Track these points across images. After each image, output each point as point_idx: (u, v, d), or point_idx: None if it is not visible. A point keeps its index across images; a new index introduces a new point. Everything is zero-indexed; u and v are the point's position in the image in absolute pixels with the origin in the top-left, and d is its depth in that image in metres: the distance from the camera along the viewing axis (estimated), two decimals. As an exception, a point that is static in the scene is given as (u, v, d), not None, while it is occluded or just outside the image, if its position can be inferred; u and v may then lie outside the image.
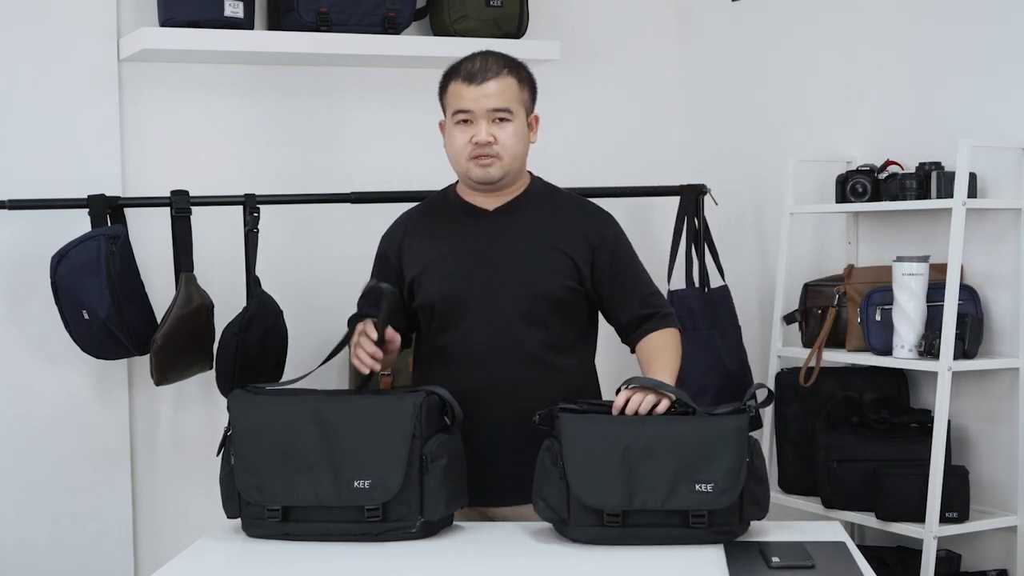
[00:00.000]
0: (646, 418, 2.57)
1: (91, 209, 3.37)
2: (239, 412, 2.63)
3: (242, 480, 2.60)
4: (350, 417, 2.58)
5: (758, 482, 2.53)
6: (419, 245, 2.87)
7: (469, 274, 2.81)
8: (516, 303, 2.79)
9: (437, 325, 2.83)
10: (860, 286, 3.45)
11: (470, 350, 2.80)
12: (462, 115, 2.78)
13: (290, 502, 2.57)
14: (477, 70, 2.78)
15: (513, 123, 2.79)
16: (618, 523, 2.50)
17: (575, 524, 2.52)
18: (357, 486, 2.54)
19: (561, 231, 2.84)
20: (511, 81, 2.80)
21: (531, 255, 2.82)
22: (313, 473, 2.56)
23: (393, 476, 2.54)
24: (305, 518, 2.58)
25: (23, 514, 3.54)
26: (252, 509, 2.61)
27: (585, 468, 2.51)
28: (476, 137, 2.77)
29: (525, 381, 2.78)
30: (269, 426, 2.60)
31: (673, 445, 2.51)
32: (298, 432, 2.58)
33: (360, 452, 2.55)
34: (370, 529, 2.57)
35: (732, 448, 2.51)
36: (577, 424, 2.55)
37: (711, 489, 2.48)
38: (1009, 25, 3.27)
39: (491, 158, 2.78)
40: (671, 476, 2.49)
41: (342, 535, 2.58)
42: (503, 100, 2.78)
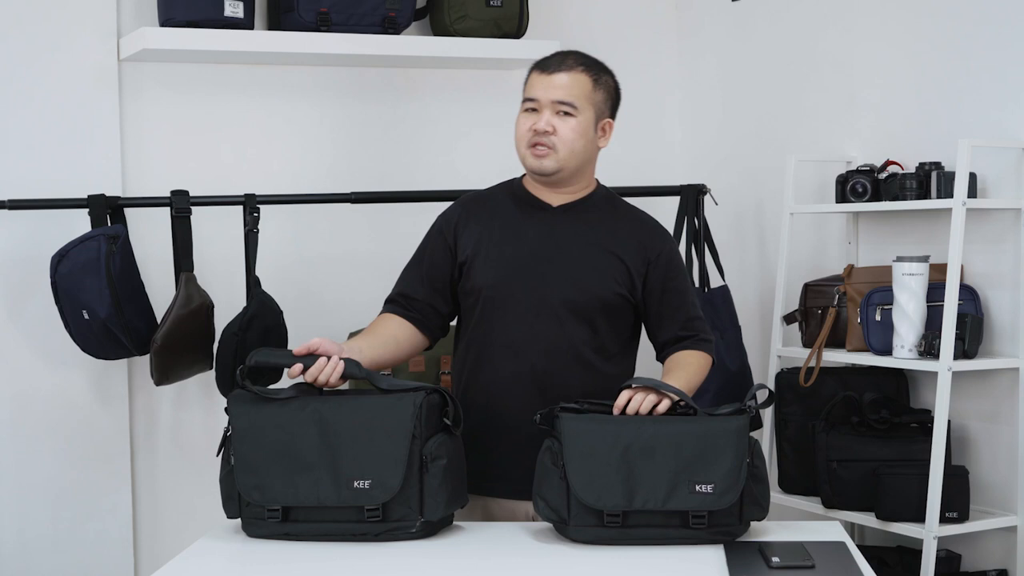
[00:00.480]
0: (646, 418, 2.57)
1: (91, 209, 3.37)
2: (239, 412, 2.62)
3: (242, 480, 2.59)
4: (350, 417, 2.57)
5: (758, 482, 2.53)
6: (477, 229, 2.86)
7: (524, 264, 2.81)
8: (567, 299, 2.79)
9: (485, 312, 2.82)
10: (860, 286, 3.45)
11: (517, 340, 2.79)
12: (529, 103, 2.80)
13: (290, 502, 2.57)
14: (552, 61, 2.81)
15: (576, 118, 2.79)
16: (618, 523, 2.50)
17: (575, 524, 2.52)
18: (357, 486, 2.54)
19: (620, 238, 2.85)
20: (584, 78, 2.81)
21: (588, 255, 2.82)
22: (313, 473, 2.56)
23: (393, 476, 2.53)
24: (305, 518, 2.58)
25: (23, 514, 3.54)
26: (252, 509, 2.60)
27: (585, 468, 2.51)
28: (536, 124, 2.78)
29: (568, 378, 2.78)
30: (269, 426, 2.59)
31: (673, 445, 2.51)
32: (298, 432, 2.58)
33: (360, 452, 2.55)
34: (370, 529, 2.56)
35: (732, 449, 2.51)
36: (577, 424, 2.55)
37: (711, 490, 2.48)
38: (1009, 25, 3.27)
39: (546, 148, 2.78)
40: (671, 476, 2.49)
41: (342, 535, 2.58)
42: (569, 94, 2.78)
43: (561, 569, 2.44)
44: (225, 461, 2.63)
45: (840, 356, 3.47)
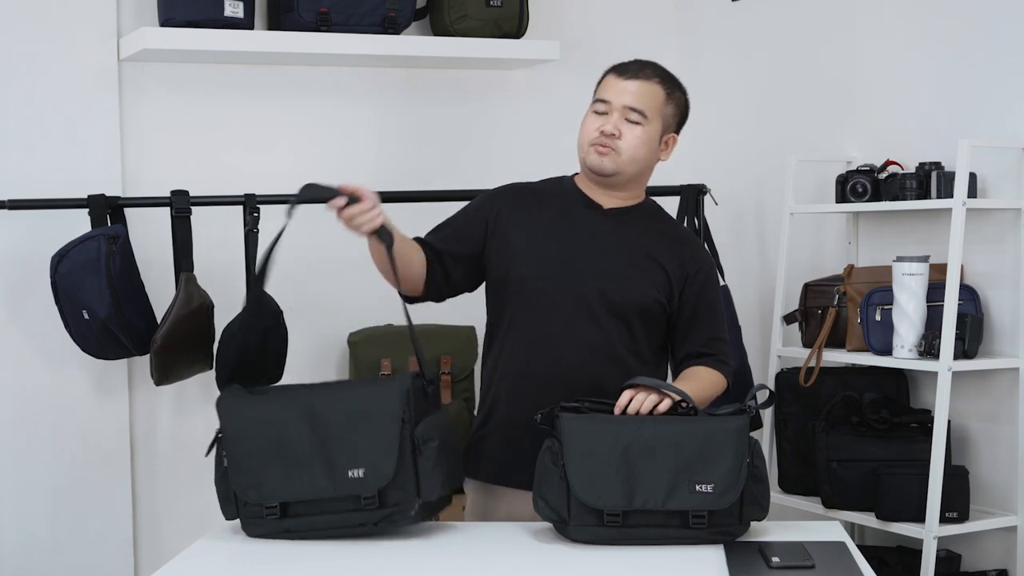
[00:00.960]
0: (646, 418, 2.57)
1: (91, 209, 3.37)
2: (229, 413, 2.61)
3: (237, 480, 2.58)
4: (339, 408, 2.58)
5: (758, 482, 2.53)
6: (524, 220, 2.85)
7: (569, 261, 2.81)
8: (608, 300, 2.79)
9: (521, 303, 2.81)
10: (860, 286, 3.45)
11: (554, 335, 2.79)
12: (601, 104, 2.81)
13: (287, 498, 2.57)
14: (630, 67, 2.83)
15: (643, 127, 2.80)
16: (618, 523, 2.50)
17: (575, 524, 2.52)
18: (352, 476, 2.54)
19: (664, 249, 2.86)
20: (657, 89, 2.82)
21: (632, 260, 2.83)
22: (308, 467, 2.56)
23: (386, 463, 2.54)
24: (304, 512, 2.58)
25: (23, 514, 3.54)
26: (250, 508, 2.60)
27: (585, 468, 2.51)
28: (603, 126, 2.79)
29: (602, 377, 2.77)
30: (261, 424, 2.58)
31: (673, 445, 2.51)
32: (290, 428, 2.58)
33: (352, 442, 2.55)
34: (368, 519, 2.56)
35: (732, 449, 2.51)
36: (577, 424, 2.55)
37: (711, 490, 2.48)
38: (1009, 25, 3.27)
39: (609, 149, 2.79)
40: (671, 476, 2.49)
41: (341, 527, 2.58)
42: (641, 101, 2.79)
43: (561, 569, 2.44)
44: (218, 463, 2.63)
45: (840, 356, 3.47)
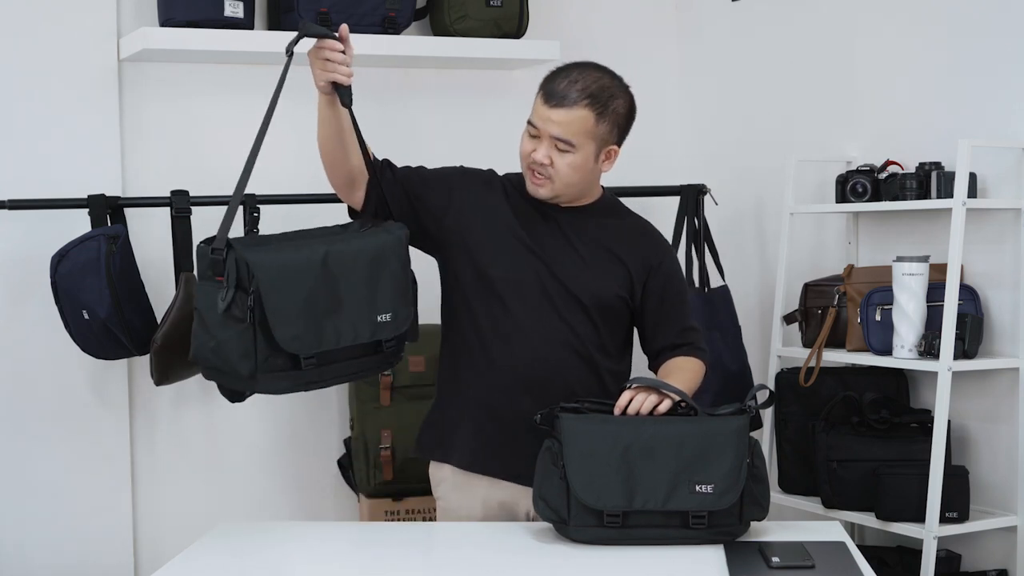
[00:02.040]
0: (646, 418, 2.58)
1: (91, 209, 3.37)
2: (261, 263, 2.50)
3: (280, 332, 2.50)
4: (356, 255, 2.63)
5: (758, 483, 2.53)
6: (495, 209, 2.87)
7: (534, 255, 2.83)
8: (570, 295, 2.81)
9: (488, 292, 2.83)
10: (860, 286, 3.45)
11: (523, 329, 2.81)
12: (531, 128, 2.81)
13: (327, 346, 2.57)
14: (556, 90, 2.76)
15: (573, 155, 2.77)
16: (618, 523, 2.50)
17: (575, 524, 2.52)
18: (380, 320, 2.64)
19: (623, 243, 2.87)
20: (585, 114, 2.75)
21: (591, 256, 2.85)
22: (340, 315, 2.59)
23: (406, 306, 2.70)
24: (327, 361, 2.60)
25: (23, 513, 3.54)
26: (275, 361, 2.52)
27: (585, 468, 2.51)
28: (535, 154, 2.79)
29: (568, 371, 2.80)
30: (294, 273, 2.54)
31: (673, 445, 2.52)
32: (318, 277, 2.57)
33: (376, 287, 2.64)
34: (380, 363, 2.70)
35: (732, 449, 2.51)
36: (577, 424, 2.55)
37: (711, 490, 2.49)
38: (1009, 25, 3.27)
39: (543, 179, 2.81)
40: (671, 477, 2.49)
41: (357, 373, 2.69)
42: (567, 131, 2.75)
43: (561, 569, 2.45)
44: (236, 319, 2.49)
45: (840, 356, 3.47)
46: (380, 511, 3.66)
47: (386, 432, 3.63)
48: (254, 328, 2.49)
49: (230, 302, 2.49)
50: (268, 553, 2.57)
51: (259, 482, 3.82)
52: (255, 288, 2.48)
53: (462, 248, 2.85)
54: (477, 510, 2.84)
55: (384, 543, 2.63)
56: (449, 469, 2.88)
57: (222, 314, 2.49)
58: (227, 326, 2.50)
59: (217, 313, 2.50)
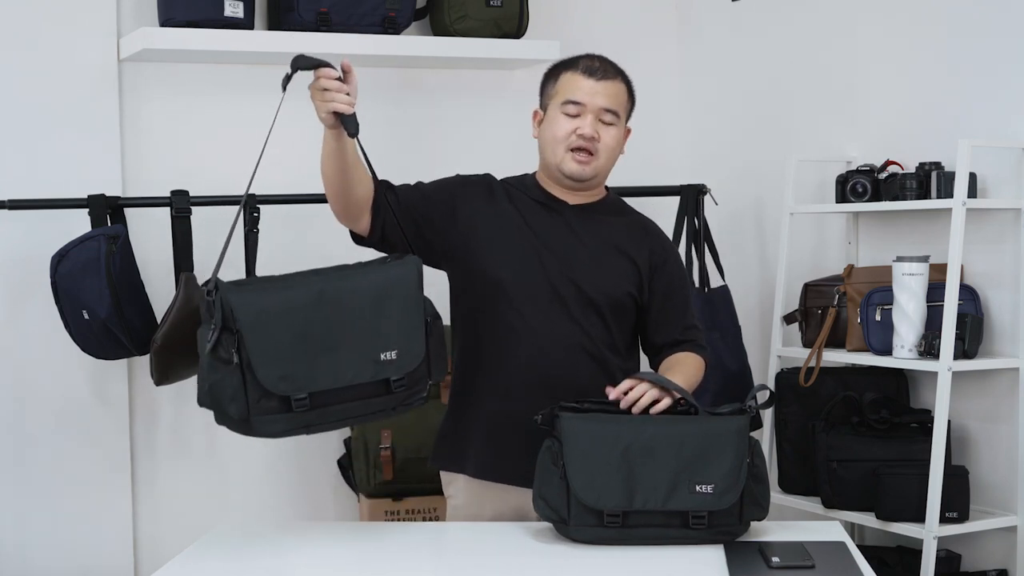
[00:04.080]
0: (646, 418, 2.58)
1: (91, 209, 3.38)
2: (242, 304, 2.45)
3: (264, 372, 2.43)
4: (359, 291, 2.52)
5: (758, 483, 2.53)
6: (494, 213, 2.86)
7: (541, 257, 2.82)
8: (581, 294, 2.81)
9: (497, 298, 2.82)
10: (860, 286, 3.45)
11: (533, 331, 2.80)
12: (573, 107, 2.80)
13: (320, 386, 2.46)
14: (597, 67, 2.83)
15: (617, 127, 2.83)
16: (618, 523, 2.50)
17: (575, 524, 2.52)
18: (384, 358, 2.50)
19: (631, 241, 2.88)
20: (623, 88, 2.85)
21: (602, 254, 2.85)
22: (337, 353, 2.48)
23: (416, 343, 2.54)
24: (327, 402, 2.49)
25: (23, 514, 3.54)
26: (267, 404, 2.45)
27: (585, 468, 2.51)
28: (581, 129, 2.79)
29: (578, 370, 2.79)
30: (279, 313, 2.46)
31: (673, 445, 2.51)
32: (311, 315, 2.47)
33: (380, 325, 2.51)
34: (390, 403, 2.53)
35: (733, 449, 2.51)
36: (577, 424, 2.55)
37: (711, 490, 2.49)
38: (1009, 25, 3.27)
39: (590, 155, 2.81)
40: (671, 477, 2.49)
41: (362, 415, 2.54)
42: (615, 102, 2.82)
43: (561, 569, 2.45)
44: (222, 361, 2.44)
45: (840, 356, 3.47)
46: (380, 511, 3.66)
47: (386, 432, 3.63)
48: (242, 370, 2.44)
49: (215, 344, 2.44)
50: (268, 553, 2.57)
51: (259, 482, 3.82)
52: (237, 329, 2.44)
53: (470, 256, 2.84)
54: (488, 514, 2.84)
55: (384, 543, 2.63)
56: (464, 479, 2.87)
57: (208, 356, 2.45)
58: (216, 368, 2.45)
59: (206, 355, 2.46)
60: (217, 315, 2.45)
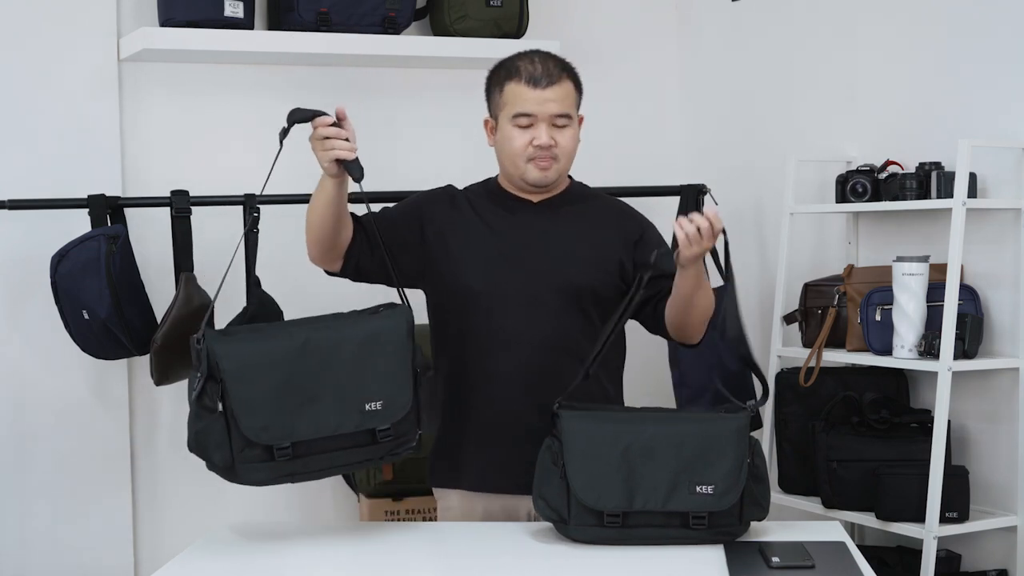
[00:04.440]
0: (647, 417, 2.58)
1: (91, 209, 3.38)
2: (226, 354, 2.49)
3: (246, 423, 2.47)
4: (345, 341, 2.54)
5: (758, 482, 2.53)
6: (461, 223, 2.86)
7: (513, 260, 2.82)
8: (559, 291, 2.80)
9: (476, 309, 2.81)
10: (860, 286, 3.45)
11: (510, 334, 2.79)
12: (524, 119, 2.79)
13: (302, 436, 2.48)
14: (540, 75, 2.79)
15: (571, 127, 2.82)
16: (618, 523, 2.50)
17: (575, 524, 2.52)
18: (369, 408, 2.52)
19: (601, 228, 2.87)
20: (570, 86, 2.82)
21: (573, 246, 2.84)
22: (321, 403, 2.50)
23: (403, 394, 2.54)
24: (311, 451, 2.51)
25: (23, 514, 3.54)
26: (251, 453, 2.49)
27: (585, 468, 2.51)
28: (538, 140, 2.78)
29: (563, 369, 2.77)
30: (263, 363, 2.49)
31: (673, 446, 2.51)
32: (295, 365, 2.50)
33: (366, 375, 2.53)
34: (375, 453, 2.54)
35: (733, 449, 2.51)
36: (577, 423, 2.55)
37: (712, 491, 2.48)
38: (1009, 25, 3.27)
39: (551, 160, 2.80)
40: (671, 477, 2.49)
41: (347, 464, 2.56)
42: (564, 105, 2.80)
43: (561, 569, 2.44)
44: (206, 410, 2.48)
45: (840, 356, 3.47)
46: (380, 511, 3.66)
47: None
48: (226, 418, 2.48)
49: (200, 392, 2.48)
50: (268, 553, 2.57)
51: (259, 482, 3.82)
52: (221, 378, 2.48)
53: (441, 271, 2.84)
54: (479, 516, 2.84)
55: (384, 543, 2.63)
56: (458, 493, 2.86)
57: (195, 404, 2.49)
58: (201, 416, 2.49)
59: (193, 403, 2.50)
60: (203, 364, 2.49)
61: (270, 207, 3.55)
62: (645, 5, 4.27)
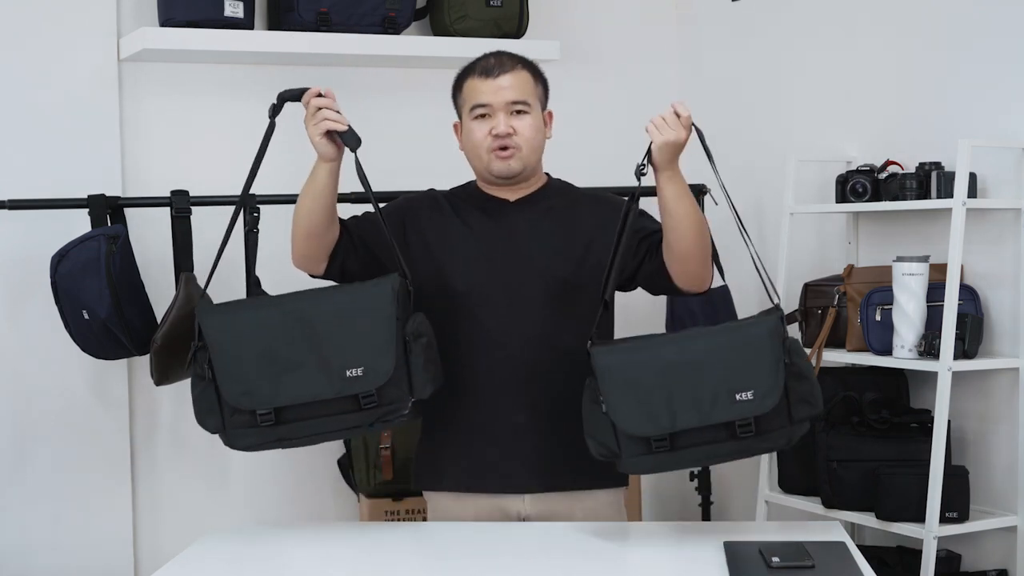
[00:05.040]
0: (676, 339, 2.57)
1: (91, 209, 3.38)
2: (212, 325, 2.62)
3: (227, 388, 2.59)
4: (330, 310, 2.61)
5: (800, 380, 2.50)
6: (443, 226, 2.87)
7: (494, 261, 2.82)
8: (541, 288, 2.80)
9: (458, 309, 2.82)
10: (860, 286, 3.45)
11: (498, 335, 2.79)
12: (480, 109, 2.80)
13: (283, 402, 2.57)
14: (493, 65, 2.82)
15: (530, 115, 2.82)
16: (667, 447, 2.48)
17: (627, 457, 2.51)
18: (350, 375, 2.57)
19: (581, 221, 2.86)
20: (526, 75, 2.83)
21: (553, 242, 2.84)
22: (302, 370, 2.57)
23: (384, 360, 2.57)
24: (297, 417, 2.59)
25: (23, 514, 3.54)
26: (238, 419, 2.59)
27: (624, 399, 2.50)
28: (496, 129, 2.79)
29: (549, 367, 2.78)
30: (249, 331, 2.61)
31: (707, 360, 2.50)
32: (280, 332, 2.59)
33: (347, 342, 2.58)
34: (364, 419, 2.59)
35: (767, 351, 2.49)
36: (608, 358, 2.54)
37: (751, 396, 2.46)
38: (1009, 25, 3.27)
39: (511, 149, 2.80)
40: (710, 391, 2.47)
41: (336, 431, 2.62)
42: (520, 93, 2.81)
43: (561, 569, 2.45)
44: (198, 377, 2.62)
45: (840, 356, 3.47)
46: (380, 511, 3.66)
47: (386, 432, 3.63)
48: (215, 385, 2.61)
49: (191, 360, 2.63)
50: (268, 553, 2.57)
51: (259, 482, 3.82)
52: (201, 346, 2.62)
53: (424, 273, 2.83)
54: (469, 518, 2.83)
55: (384, 543, 2.63)
56: (444, 495, 2.85)
57: (190, 371, 2.63)
58: (196, 383, 2.63)
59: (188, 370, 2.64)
60: (196, 334, 2.63)
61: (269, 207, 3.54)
62: (645, 5, 4.27)
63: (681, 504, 4.26)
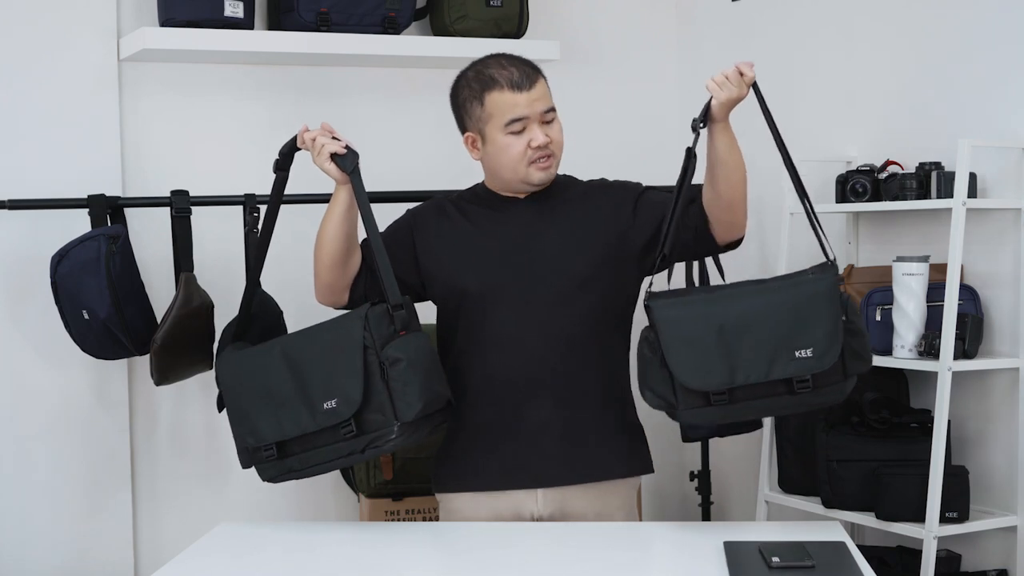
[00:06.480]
0: (735, 293, 2.59)
1: (91, 209, 3.37)
2: (223, 372, 2.84)
3: (237, 430, 2.79)
4: (310, 345, 2.73)
5: (856, 336, 2.56)
6: (452, 231, 2.88)
7: (506, 259, 2.83)
8: (556, 282, 2.81)
9: (473, 311, 2.83)
10: (860, 286, 3.45)
11: (513, 332, 2.80)
12: (518, 124, 2.80)
13: (277, 437, 2.73)
14: (520, 77, 2.81)
15: (557, 120, 2.86)
16: (725, 400, 2.53)
17: (683, 408, 2.55)
18: (327, 407, 2.67)
19: (591, 210, 2.88)
20: (544, 83, 2.87)
21: (565, 235, 2.85)
22: (290, 406, 2.70)
23: (353, 388, 2.64)
24: (299, 450, 2.73)
25: (23, 514, 3.54)
26: (257, 455, 2.77)
27: (684, 352, 2.54)
28: (535, 141, 2.80)
29: (568, 361, 2.80)
30: (247, 375, 2.78)
31: (767, 317, 2.53)
32: (272, 373, 2.74)
33: (323, 375, 2.68)
34: (354, 447, 2.67)
35: (826, 310, 2.53)
36: (670, 310, 2.57)
37: (811, 353, 2.51)
38: (1009, 25, 3.27)
39: (550, 158, 2.83)
40: (770, 348, 2.51)
41: (334, 459, 2.70)
42: (549, 100, 2.85)
43: (563, 569, 2.45)
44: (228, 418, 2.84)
45: (840, 356, 3.47)
46: (380, 511, 3.66)
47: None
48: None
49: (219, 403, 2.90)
50: (268, 553, 2.57)
51: (259, 482, 3.80)
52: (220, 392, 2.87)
53: (437, 279, 2.86)
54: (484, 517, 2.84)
55: (384, 543, 2.63)
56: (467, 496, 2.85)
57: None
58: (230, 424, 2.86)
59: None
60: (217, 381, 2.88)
61: (270, 207, 3.55)
62: (645, 5, 4.28)
63: (681, 504, 4.26)
